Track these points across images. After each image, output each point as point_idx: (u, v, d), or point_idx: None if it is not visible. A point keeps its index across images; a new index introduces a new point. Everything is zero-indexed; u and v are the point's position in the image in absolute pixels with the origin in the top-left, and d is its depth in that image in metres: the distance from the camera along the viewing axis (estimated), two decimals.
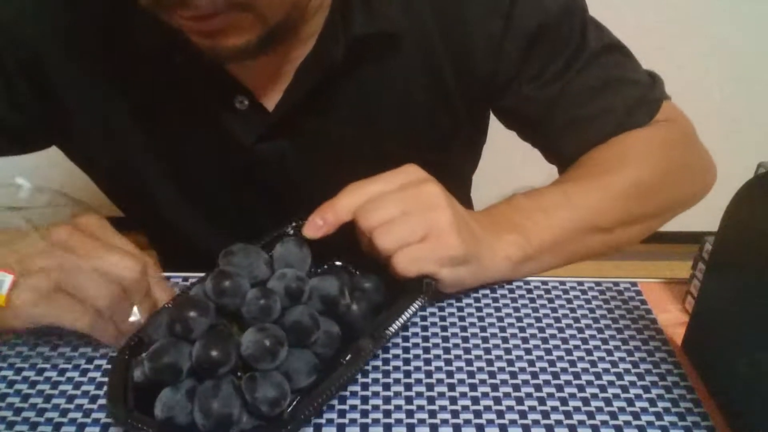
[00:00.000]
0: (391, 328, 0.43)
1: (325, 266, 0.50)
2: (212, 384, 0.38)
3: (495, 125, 0.75)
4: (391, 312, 0.44)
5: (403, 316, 0.44)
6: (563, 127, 0.62)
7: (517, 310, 0.52)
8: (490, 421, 0.43)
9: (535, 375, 0.46)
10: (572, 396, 0.45)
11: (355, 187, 0.48)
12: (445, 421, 0.43)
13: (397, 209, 0.46)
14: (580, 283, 0.55)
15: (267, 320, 0.41)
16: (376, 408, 0.44)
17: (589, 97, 0.61)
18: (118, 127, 0.59)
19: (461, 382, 0.46)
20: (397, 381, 0.46)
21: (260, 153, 0.59)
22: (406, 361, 0.47)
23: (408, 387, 0.45)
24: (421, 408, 0.44)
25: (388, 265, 0.46)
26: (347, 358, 0.42)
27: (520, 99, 0.62)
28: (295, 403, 0.40)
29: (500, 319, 0.51)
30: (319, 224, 0.47)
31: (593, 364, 0.47)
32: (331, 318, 0.44)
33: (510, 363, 0.47)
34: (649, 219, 0.60)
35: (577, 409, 0.44)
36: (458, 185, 0.49)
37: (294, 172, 0.61)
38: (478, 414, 0.43)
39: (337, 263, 0.51)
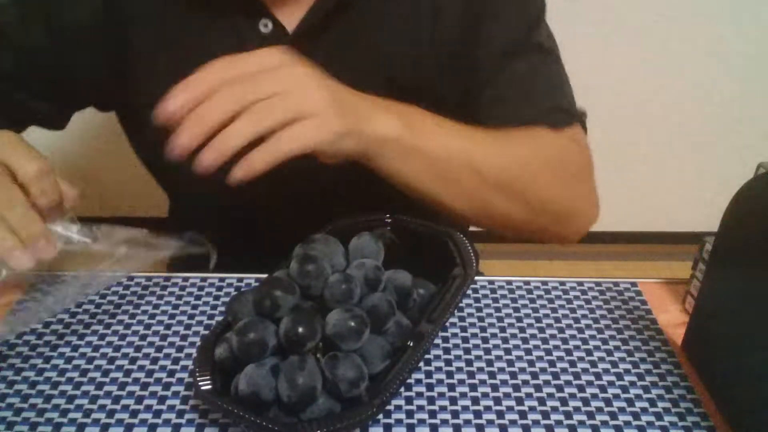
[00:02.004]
0: (447, 312, 0.44)
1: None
2: (297, 359, 0.40)
3: None
4: (442, 297, 0.45)
5: (455, 300, 0.45)
6: (490, 102, 0.63)
7: (517, 310, 0.52)
8: (490, 422, 0.43)
9: (535, 375, 0.46)
10: (572, 396, 0.45)
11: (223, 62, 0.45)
12: (445, 422, 0.43)
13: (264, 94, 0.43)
14: (580, 283, 0.55)
15: (347, 304, 0.42)
16: None
17: (521, 82, 0.62)
18: (149, 61, 0.60)
19: (461, 382, 0.46)
20: None
21: None
22: None
23: (408, 387, 0.45)
24: (421, 408, 0.44)
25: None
26: (410, 344, 0.43)
27: (473, 61, 0.63)
28: (368, 387, 0.41)
29: (500, 319, 0.51)
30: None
31: (593, 364, 0.47)
32: (401, 311, 0.44)
33: (510, 363, 0.47)
34: (520, 202, 0.57)
35: (577, 410, 0.44)
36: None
37: None
38: (478, 414, 0.43)
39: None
